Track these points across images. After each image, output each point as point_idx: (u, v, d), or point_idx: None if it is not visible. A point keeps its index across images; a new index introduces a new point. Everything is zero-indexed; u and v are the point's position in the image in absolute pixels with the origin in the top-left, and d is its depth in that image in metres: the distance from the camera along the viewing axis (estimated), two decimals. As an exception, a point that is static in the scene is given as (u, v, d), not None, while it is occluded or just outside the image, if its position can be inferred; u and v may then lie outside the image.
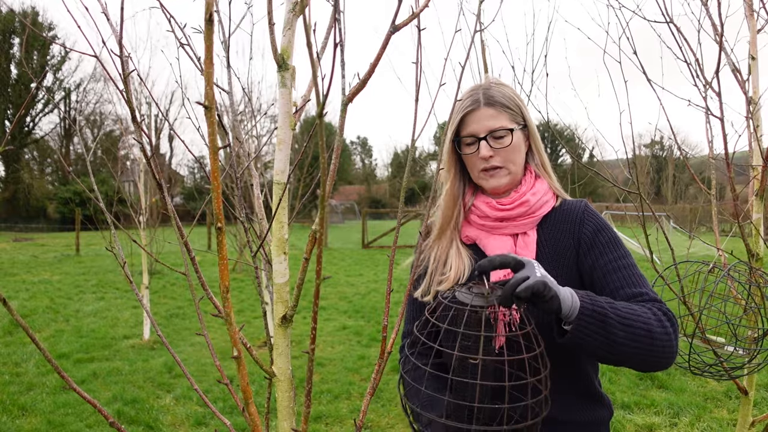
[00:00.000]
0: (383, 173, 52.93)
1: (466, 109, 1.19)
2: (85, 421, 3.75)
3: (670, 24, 1.79)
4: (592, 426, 1.20)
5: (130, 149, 6.84)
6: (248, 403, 0.80)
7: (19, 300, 8.01)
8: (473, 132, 1.19)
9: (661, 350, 1.00)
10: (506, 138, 1.19)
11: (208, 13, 0.60)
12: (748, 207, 1.83)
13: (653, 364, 1.02)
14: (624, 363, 1.02)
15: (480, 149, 1.19)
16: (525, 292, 0.90)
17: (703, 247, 11.05)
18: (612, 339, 0.97)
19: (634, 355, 0.99)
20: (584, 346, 0.98)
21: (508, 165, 1.20)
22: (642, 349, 0.99)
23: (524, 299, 0.91)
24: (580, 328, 0.96)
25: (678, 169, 19.72)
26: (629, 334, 0.98)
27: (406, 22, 0.75)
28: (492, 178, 1.21)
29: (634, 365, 1.03)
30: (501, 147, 1.19)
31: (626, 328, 0.98)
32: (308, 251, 0.82)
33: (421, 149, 39.47)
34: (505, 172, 1.21)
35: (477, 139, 1.19)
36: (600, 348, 0.98)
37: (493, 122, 1.18)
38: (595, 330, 0.96)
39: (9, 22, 26.72)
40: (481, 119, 1.18)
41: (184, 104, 1.64)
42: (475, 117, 1.19)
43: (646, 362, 1.01)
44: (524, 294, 0.90)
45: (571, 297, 0.97)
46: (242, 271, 11.12)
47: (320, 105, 0.67)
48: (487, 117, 1.18)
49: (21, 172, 30.06)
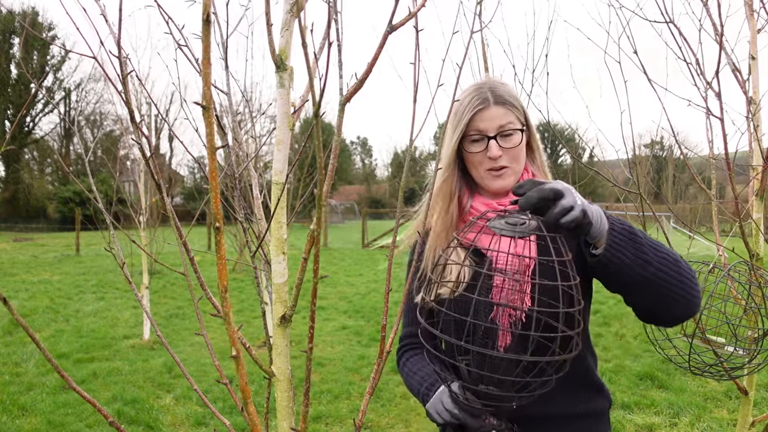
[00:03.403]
0: (383, 173, 52.93)
1: (476, 108, 1.17)
2: (85, 421, 3.75)
3: (671, 24, 1.78)
4: (593, 416, 1.22)
5: (130, 149, 6.83)
6: (247, 402, 0.80)
7: (19, 300, 8.01)
8: (482, 129, 1.18)
9: (689, 284, 1.00)
10: (515, 137, 1.18)
11: (206, 14, 0.60)
12: (748, 207, 1.83)
13: (684, 302, 1.01)
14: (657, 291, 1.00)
15: (490, 148, 1.17)
16: (570, 224, 0.89)
17: (703, 247, 11.06)
18: (643, 258, 0.97)
19: (664, 282, 0.98)
20: (617, 264, 0.97)
21: (514, 165, 1.20)
22: (671, 277, 0.98)
23: (566, 229, 0.90)
24: (612, 245, 0.96)
25: (678, 169, 19.73)
26: (658, 256, 0.98)
27: (403, 21, 0.75)
28: (499, 179, 1.20)
29: (664, 300, 1.01)
30: (510, 146, 1.18)
31: (655, 251, 0.98)
32: (307, 251, 0.82)
33: (420, 149, 39.48)
34: (510, 171, 1.20)
35: (485, 137, 1.18)
36: (633, 267, 0.97)
37: (502, 121, 1.17)
38: (626, 246, 0.96)
39: (9, 22, 26.72)
40: (491, 118, 1.17)
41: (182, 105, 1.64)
42: (485, 115, 1.17)
43: (677, 292, 1.00)
44: (569, 225, 0.89)
45: (600, 218, 0.96)
46: (242, 271, 11.12)
47: (317, 105, 0.66)
48: (497, 116, 1.17)
49: (21, 172, 30.06)
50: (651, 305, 1.03)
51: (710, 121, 1.87)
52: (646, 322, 1.11)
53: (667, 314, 1.04)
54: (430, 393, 1.15)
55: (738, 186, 1.77)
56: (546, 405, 1.16)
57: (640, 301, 1.04)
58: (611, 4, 1.83)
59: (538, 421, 1.17)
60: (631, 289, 1.02)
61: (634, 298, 1.04)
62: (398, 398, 4.18)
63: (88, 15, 0.91)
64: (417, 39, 0.80)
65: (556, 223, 0.89)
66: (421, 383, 1.20)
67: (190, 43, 1.10)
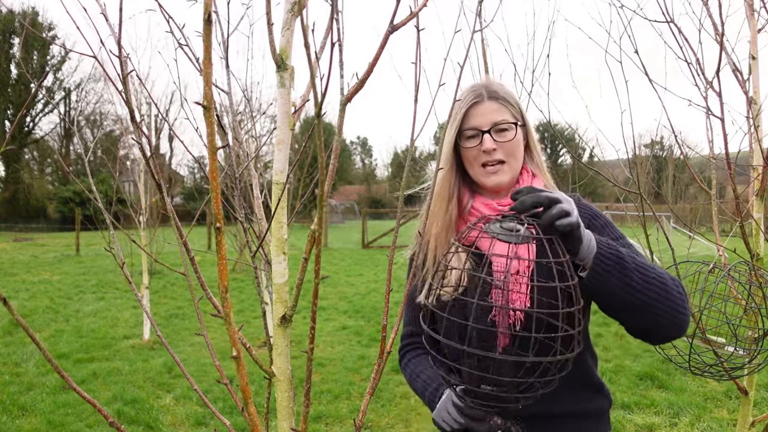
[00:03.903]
0: (383, 173, 52.92)
1: (470, 103, 1.18)
2: (85, 421, 3.75)
3: (671, 24, 1.78)
4: (593, 416, 1.22)
5: (130, 149, 6.83)
6: (248, 403, 0.80)
7: (19, 300, 8.01)
8: (476, 125, 1.18)
9: (676, 307, 1.01)
10: (510, 131, 1.18)
11: (207, 14, 0.60)
12: (748, 207, 1.83)
13: (671, 325, 1.02)
14: (642, 315, 1.01)
15: (483, 142, 1.17)
16: (565, 227, 0.90)
17: (703, 247, 11.05)
18: (628, 284, 0.97)
19: (650, 307, 0.99)
20: (601, 289, 0.98)
21: (510, 160, 1.19)
22: (658, 302, 0.99)
23: (560, 232, 0.91)
24: (597, 269, 0.97)
25: (678, 169, 19.73)
26: (646, 282, 0.99)
27: (404, 21, 0.75)
28: (494, 175, 1.19)
29: (651, 323, 1.02)
30: (504, 141, 1.18)
31: (643, 277, 0.99)
32: (307, 251, 0.82)
33: (420, 149, 39.46)
34: (507, 168, 1.19)
35: (480, 132, 1.18)
36: (617, 293, 0.98)
37: (496, 116, 1.17)
38: (611, 272, 0.97)
39: (9, 22, 26.71)
40: (484, 113, 1.18)
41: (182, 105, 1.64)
42: (479, 110, 1.18)
43: (663, 316, 1.00)
44: (563, 228, 0.90)
45: (590, 241, 0.97)
46: (242, 271, 11.11)
47: (318, 105, 0.66)
48: (490, 110, 1.18)
49: (21, 172, 30.05)
50: (639, 326, 1.05)
51: (710, 121, 1.87)
52: (636, 338, 1.12)
53: (656, 334, 1.06)
54: (435, 399, 1.16)
55: (738, 186, 1.77)
56: (546, 405, 1.17)
57: (628, 321, 1.05)
58: (612, 4, 1.82)
59: (537, 420, 1.18)
60: (617, 312, 1.04)
61: (622, 318, 1.05)
62: (398, 398, 4.18)
63: (89, 15, 0.91)
64: (418, 38, 0.80)
65: (551, 225, 0.90)
66: (425, 387, 1.21)
67: (190, 43, 1.10)
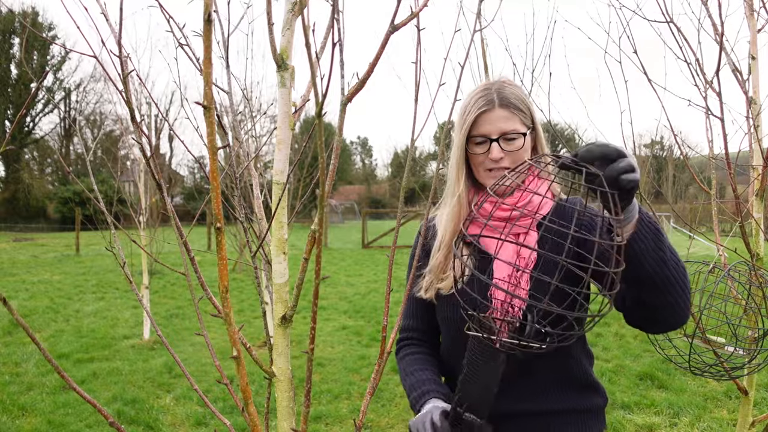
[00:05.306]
0: (383, 173, 52.98)
1: (481, 109, 1.18)
2: (85, 421, 3.75)
3: (670, 24, 1.79)
4: (588, 413, 1.24)
5: (130, 149, 6.83)
6: (248, 403, 0.80)
7: (19, 300, 8.01)
8: (485, 133, 1.19)
9: (688, 295, 1.01)
10: (518, 141, 1.19)
11: (207, 13, 0.60)
12: (748, 207, 1.83)
13: (681, 312, 1.02)
14: (665, 291, 1.00)
15: (491, 151, 1.18)
16: (629, 183, 0.87)
17: (703, 247, 11.05)
18: (662, 255, 0.97)
19: (673, 283, 0.98)
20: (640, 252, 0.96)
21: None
22: (679, 284, 0.99)
23: (623, 188, 0.88)
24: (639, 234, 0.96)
25: (678, 169, 19.75)
26: (674, 260, 0.99)
27: (405, 21, 0.75)
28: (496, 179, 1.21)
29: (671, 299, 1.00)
30: (512, 149, 1.19)
31: (673, 255, 0.99)
32: (308, 251, 0.82)
33: (421, 149, 39.47)
34: None
35: (488, 139, 1.19)
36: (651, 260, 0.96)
37: (506, 124, 1.18)
38: (650, 239, 0.96)
39: (9, 22, 26.72)
40: (494, 120, 1.18)
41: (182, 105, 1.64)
42: (489, 118, 1.18)
43: (682, 298, 1.00)
44: (626, 184, 0.87)
45: (635, 205, 0.96)
46: (242, 271, 11.12)
47: (319, 105, 0.66)
48: (500, 119, 1.18)
49: (21, 172, 30.05)
50: (656, 303, 1.02)
51: (710, 120, 1.87)
52: (635, 326, 1.10)
53: (664, 320, 1.04)
54: (416, 407, 1.17)
55: (738, 186, 1.77)
56: (542, 402, 1.19)
57: (649, 296, 1.02)
58: (611, 4, 1.83)
59: (533, 418, 1.19)
60: (641, 284, 1.00)
61: (644, 293, 1.02)
62: (398, 398, 4.18)
63: (89, 14, 0.91)
64: (419, 38, 0.80)
65: (617, 179, 0.87)
66: (411, 389, 1.22)
67: (190, 42, 1.10)
